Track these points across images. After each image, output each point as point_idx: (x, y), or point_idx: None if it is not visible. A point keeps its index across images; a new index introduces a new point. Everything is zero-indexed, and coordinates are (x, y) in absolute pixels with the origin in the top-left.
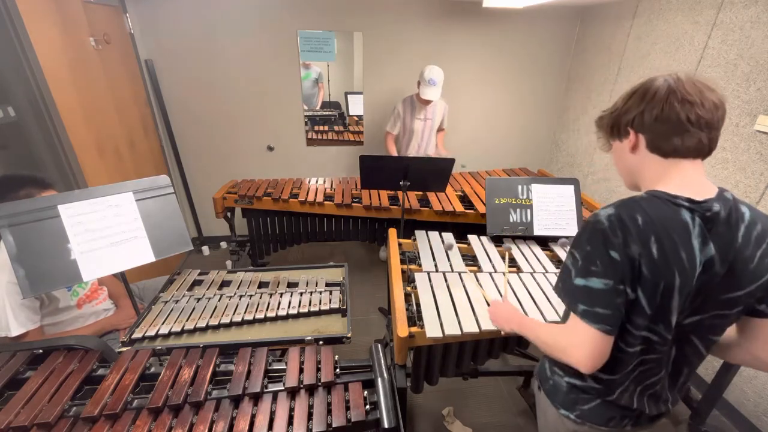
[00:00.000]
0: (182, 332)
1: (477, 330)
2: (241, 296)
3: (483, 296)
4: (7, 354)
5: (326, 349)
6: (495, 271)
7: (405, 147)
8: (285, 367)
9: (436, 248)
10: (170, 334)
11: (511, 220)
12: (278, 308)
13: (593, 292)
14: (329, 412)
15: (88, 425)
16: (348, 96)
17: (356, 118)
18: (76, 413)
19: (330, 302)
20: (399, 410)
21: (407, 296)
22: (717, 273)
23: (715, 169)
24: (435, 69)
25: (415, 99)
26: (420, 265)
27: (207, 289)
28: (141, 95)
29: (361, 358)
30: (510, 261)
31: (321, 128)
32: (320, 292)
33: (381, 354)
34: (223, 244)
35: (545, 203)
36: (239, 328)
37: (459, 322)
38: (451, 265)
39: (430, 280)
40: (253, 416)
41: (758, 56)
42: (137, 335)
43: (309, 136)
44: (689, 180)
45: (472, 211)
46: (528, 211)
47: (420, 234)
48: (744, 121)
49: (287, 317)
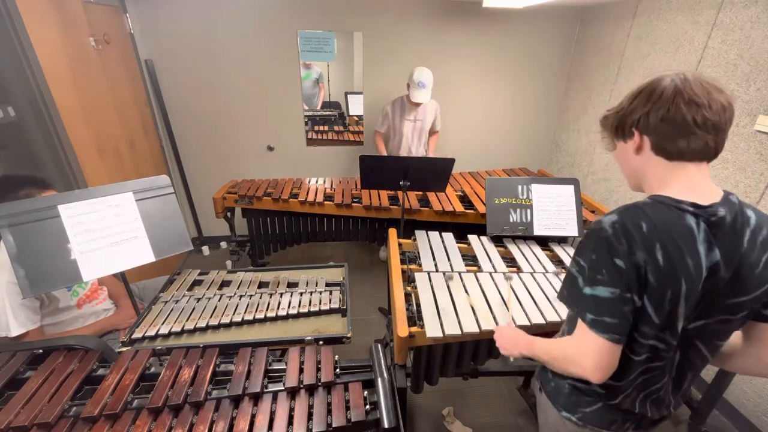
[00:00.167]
0: (182, 332)
1: (477, 330)
2: (241, 296)
3: (470, 304)
4: (7, 354)
5: (326, 349)
6: (495, 271)
7: (395, 148)
8: (285, 367)
9: (436, 248)
10: (170, 334)
11: (511, 220)
12: (278, 308)
13: (600, 301)
14: (329, 412)
15: (88, 425)
16: (348, 96)
17: (356, 118)
18: (76, 413)
19: (330, 302)
20: (399, 410)
21: (407, 296)
22: (722, 278)
23: (715, 169)
24: (424, 71)
25: (405, 100)
26: (420, 265)
27: (207, 289)
28: (141, 95)
29: (361, 358)
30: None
31: (321, 128)
32: (320, 292)
33: (381, 354)
34: (223, 244)
35: (545, 203)
36: (239, 328)
37: (459, 322)
38: (451, 265)
39: (430, 280)
40: (253, 416)
41: (758, 56)
42: (137, 335)
43: (309, 136)
44: (694, 184)
45: (472, 211)
46: (528, 211)
47: (420, 234)
48: (744, 121)
49: (287, 317)
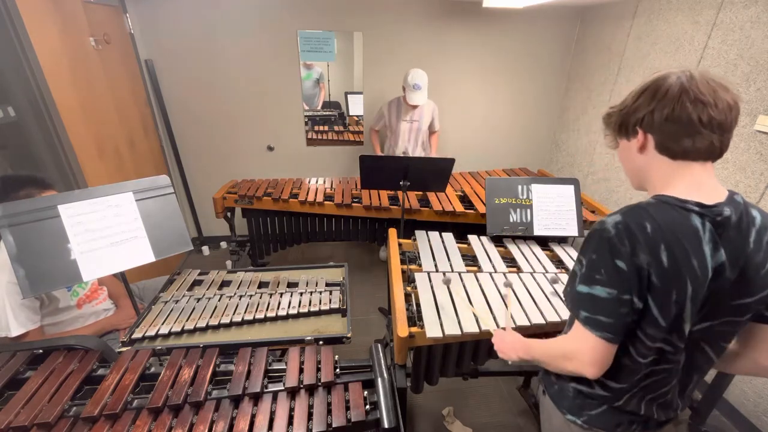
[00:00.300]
0: (182, 332)
1: (477, 330)
2: (241, 296)
3: (473, 313)
4: (7, 354)
5: (326, 349)
6: (495, 271)
7: (392, 149)
8: (285, 367)
9: (436, 248)
10: (170, 334)
11: (511, 220)
12: (278, 308)
13: (597, 300)
14: (329, 412)
15: (88, 425)
16: (348, 96)
17: (356, 118)
18: (76, 413)
19: (330, 302)
20: (399, 410)
21: (407, 296)
22: (727, 279)
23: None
24: (419, 73)
25: (402, 101)
26: (420, 265)
27: (207, 289)
28: (141, 95)
29: (361, 358)
30: (512, 285)
31: (321, 128)
32: (320, 292)
33: (381, 354)
34: (223, 244)
35: (545, 203)
36: (239, 328)
37: (459, 322)
38: (452, 265)
39: (430, 280)
40: (253, 416)
41: (758, 56)
42: (137, 335)
43: (309, 136)
44: (699, 183)
45: (472, 211)
46: (528, 211)
47: (420, 234)
48: (744, 121)
49: (287, 317)
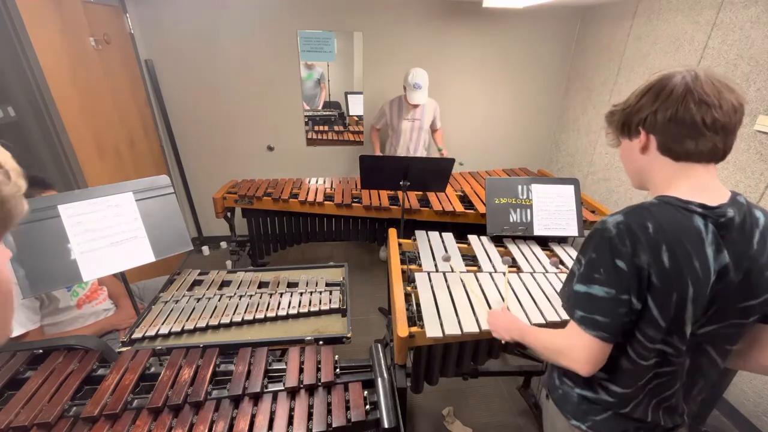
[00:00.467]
0: (182, 332)
1: (477, 330)
2: (241, 296)
3: (482, 298)
4: (7, 354)
5: (326, 349)
6: (495, 271)
7: (394, 147)
8: (285, 367)
9: (436, 248)
10: (170, 334)
11: (511, 220)
12: (278, 308)
13: (594, 300)
14: (329, 412)
15: (88, 425)
16: (348, 96)
17: (356, 118)
18: (76, 413)
19: (330, 302)
20: (399, 410)
21: (407, 296)
22: (732, 281)
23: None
24: (419, 72)
25: (403, 100)
26: (420, 265)
27: (207, 289)
28: (141, 95)
29: (361, 358)
30: (511, 262)
31: (321, 128)
32: (320, 292)
33: (381, 354)
34: (223, 244)
35: (545, 203)
36: (239, 328)
37: (459, 322)
38: (451, 265)
39: (430, 280)
40: (253, 416)
41: (758, 56)
42: (137, 335)
43: (309, 136)
44: (701, 184)
45: (472, 211)
46: (528, 211)
47: (420, 234)
48: (744, 121)
49: (287, 317)
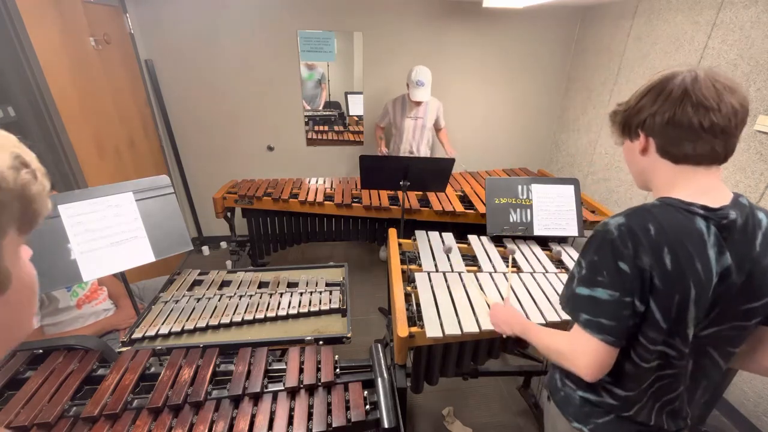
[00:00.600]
0: (182, 332)
1: (477, 330)
2: (241, 296)
3: (485, 301)
4: (7, 354)
5: (326, 349)
6: (495, 271)
7: (397, 145)
8: (285, 367)
9: (436, 248)
10: (170, 334)
11: (511, 220)
12: (278, 308)
13: (598, 303)
14: (329, 412)
15: (88, 425)
16: (348, 96)
17: (356, 118)
18: (76, 413)
19: (330, 302)
20: (399, 410)
21: (407, 296)
22: (734, 283)
23: None
24: (422, 69)
25: (407, 98)
26: (420, 265)
27: (207, 289)
28: (141, 95)
29: (361, 358)
30: (512, 262)
31: (321, 128)
32: (320, 292)
33: (381, 354)
34: (223, 244)
35: (545, 203)
36: (239, 328)
37: (459, 322)
38: (451, 265)
39: (430, 280)
40: (253, 416)
41: (758, 56)
42: (137, 335)
43: (309, 136)
44: (703, 186)
45: (472, 211)
46: (528, 211)
47: (420, 234)
48: None
49: (287, 317)
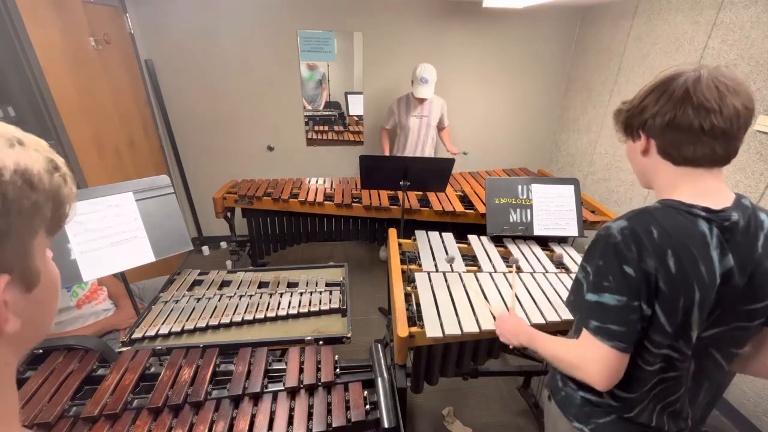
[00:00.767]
0: (182, 332)
1: (477, 330)
2: (241, 296)
3: (490, 311)
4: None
5: (326, 349)
6: (495, 271)
7: (402, 144)
8: (285, 367)
9: (436, 248)
10: (170, 334)
11: (511, 220)
12: (278, 308)
13: (606, 309)
14: (329, 412)
15: (88, 425)
16: (348, 96)
17: (356, 118)
18: (76, 413)
19: (330, 302)
20: (399, 410)
21: (407, 296)
22: (736, 285)
23: None
24: (427, 67)
25: (411, 97)
26: (420, 265)
27: (207, 289)
28: (141, 95)
29: (361, 358)
30: (516, 269)
31: (321, 128)
32: (320, 292)
33: (381, 354)
34: (223, 244)
35: (545, 203)
36: (239, 328)
37: (459, 322)
38: (451, 265)
39: (430, 280)
40: (253, 416)
41: (758, 56)
42: (137, 335)
43: (309, 136)
44: (705, 188)
45: (472, 211)
46: (528, 211)
47: (420, 234)
48: None
49: (287, 317)
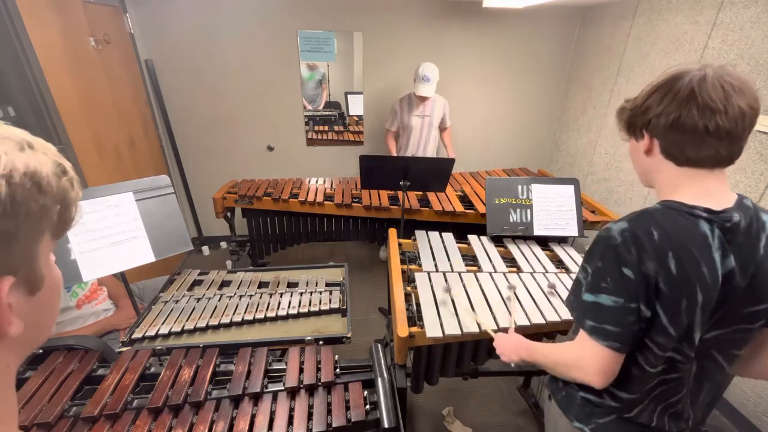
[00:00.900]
0: (182, 332)
1: (477, 330)
2: (241, 296)
3: (489, 331)
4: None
5: (326, 349)
6: (495, 271)
7: (404, 144)
8: (285, 367)
9: (436, 248)
10: (170, 334)
11: (511, 220)
12: (278, 308)
13: (602, 309)
14: (329, 412)
15: (88, 425)
16: (348, 96)
17: (356, 118)
18: (76, 413)
19: (330, 302)
20: (399, 410)
21: (407, 296)
22: (738, 286)
23: None
24: (429, 66)
25: (413, 96)
26: (420, 265)
27: (207, 289)
28: (141, 95)
29: (361, 358)
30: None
31: (321, 128)
32: (320, 292)
33: (381, 354)
34: (223, 244)
35: (545, 203)
36: (239, 328)
37: (459, 322)
38: (451, 265)
39: (430, 280)
40: (253, 416)
41: (758, 56)
42: (137, 335)
43: (309, 136)
44: (707, 189)
45: (472, 211)
46: (528, 211)
47: (420, 234)
48: None
49: (287, 317)
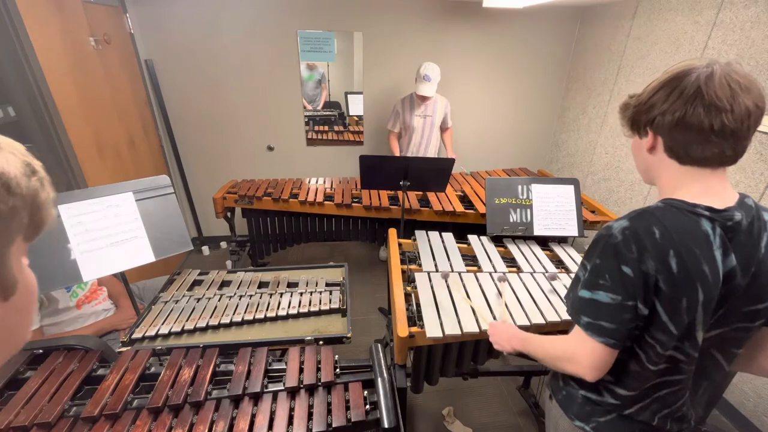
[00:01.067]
0: (182, 332)
1: (477, 330)
2: (241, 296)
3: (471, 307)
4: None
5: (326, 349)
6: (495, 271)
7: (406, 144)
8: (285, 367)
9: (436, 248)
10: (170, 334)
11: (511, 220)
12: (278, 308)
13: (599, 306)
14: (329, 412)
15: (88, 425)
16: (348, 96)
17: (356, 118)
18: (76, 413)
19: (330, 302)
20: (399, 410)
21: (407, 296)
22: (739, 285)
23: None
24: (430, 65)
25: (415, 96)
26: (420, 265)
27: (207, 289)
28: (141, 95)
29: (361, 358)
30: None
31: (321, 128)
32: (320, 292)
33: (381, 354)
34: (223, 244)
35: (545, 203)
36: (239, 328)
37: (459, 322)
38: (451, 265)
39: (430, 280)
40: (253, 416)
41: (758, 56)
42: (137, 335)
43: (309, 136)
44: (709, 188)
45: (472, 211)
46: (528, 211)
47: (420, 234)
48: None
49: (287, 317)
